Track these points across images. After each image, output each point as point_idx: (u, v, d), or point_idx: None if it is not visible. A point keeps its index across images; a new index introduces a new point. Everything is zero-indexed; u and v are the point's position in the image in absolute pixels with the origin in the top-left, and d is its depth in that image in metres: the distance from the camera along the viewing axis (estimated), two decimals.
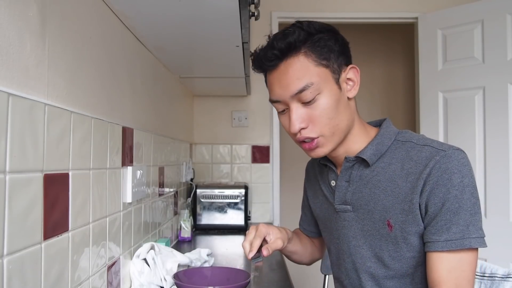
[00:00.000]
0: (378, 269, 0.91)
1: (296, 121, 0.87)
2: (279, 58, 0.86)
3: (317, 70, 0.85)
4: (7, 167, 0.60)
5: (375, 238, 0.90)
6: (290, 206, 3.46)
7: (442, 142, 0.89)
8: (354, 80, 0.91)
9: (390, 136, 0.93)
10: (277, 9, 2.60)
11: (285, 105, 0.89)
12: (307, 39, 0.85)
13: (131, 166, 1.16)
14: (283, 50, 0.85)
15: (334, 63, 0.87)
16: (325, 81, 0.86)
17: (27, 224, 0.65)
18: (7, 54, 0.61)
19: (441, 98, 2.41)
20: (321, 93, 0.85)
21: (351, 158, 0.93)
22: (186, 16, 1.07)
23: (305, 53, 0.85)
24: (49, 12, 0.73)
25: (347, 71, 0.90)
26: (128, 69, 1.21)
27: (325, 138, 0.88)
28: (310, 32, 0.86)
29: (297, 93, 0.85)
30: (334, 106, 0.86)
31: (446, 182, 0.81)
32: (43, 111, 0.71)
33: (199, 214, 2.23)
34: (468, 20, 2.29)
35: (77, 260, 0.83)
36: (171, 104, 1.86)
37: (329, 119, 0.87)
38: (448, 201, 0.80)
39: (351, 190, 0.94)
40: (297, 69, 0.85)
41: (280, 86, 0.87)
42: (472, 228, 0.80)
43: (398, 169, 0.88)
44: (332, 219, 1.00)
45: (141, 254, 1.21)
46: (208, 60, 1.61)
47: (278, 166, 2.63)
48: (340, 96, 0.88)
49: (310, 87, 0.84)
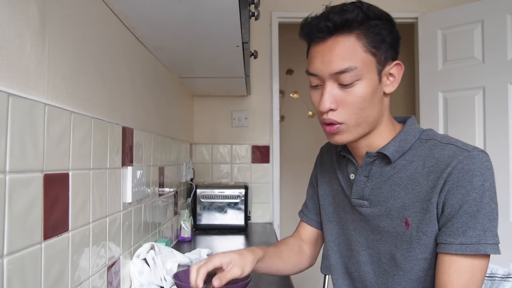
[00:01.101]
0: (390, 266, 0.90)
1: (327, 100, 0.84)
2: (331, 32, 0.83)
3: (363, 56, 0.83)
4: (7, 167, 0.60)
5: (391, 235, 0.89)
6: (290, 206, 3.46)
7: (466, 142, 0.86)
8: (396, 77, 0.88)
9: (414, 134, 0.90)
10: (277, 9, 2.60)
11: (320, 80, 0.86)
12: (363, 22, 0.82)
13: (131, 166, 1.16)
14: (337, 24, 0.82)
15: (382, 54, 0.85)
16: (368, 69, 0.83)
17: (27, 224, 0.65)
18: (7, 54, 0.61)
19: (441, 98, 2.41)
20: (361, 79, 0.83)
21: (373, 153, 0.90)
22: (186, 16, 1.07)
23: (357, 35, 0.82)
24: (49, 12, 0.73)
25: (392, 65, 0.87)
26: (128, 69, 1.21)
27: (348, 126, 0.86)
28: (368, 15, 0.83)
29: (337, 73, 0.83)
30: (368, 97, 0.84)
31: (467, 184, 0.78)
32: (43, 111, 0.70)
33: (199, 214, 2.23)
34: (468, 20, 2.29)
35: (77, 260, 0.83)
36: (171, 104, 1.86)
37: (360, 109, 0.84)
38: (466, 203, 0.78)
39: (370, 185, 0.92)
40: (344, 48, 0.82)
41: (322, 61, 0.84)
42: (489, 233, 0.78)
43: (420, 167, 0.86)
44: (348, 211, 0.98)
45: (141, 254, 1.21)
46: (208, 60, 1.61)
47: (278, 166, 2.63)
48: (377, 88, 0.85)
49: (352, 70, 0.82)
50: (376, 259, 0.92)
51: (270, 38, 2.61)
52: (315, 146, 1.32)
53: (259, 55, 1.90)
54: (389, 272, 0.90)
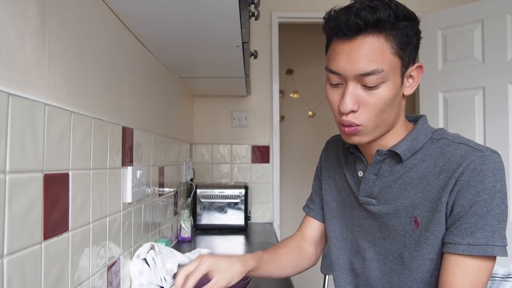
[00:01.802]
0: (396, 264, 0.89)
1: (350, 102, 0.81)
2: (361, 30, 0.78)
3: (391, 58, 0.80)
4: (7, 167, 0.60)
5: (400, 234, 0.88)
6: (290, 206, 3.47)
7: (478, 143, 0.85)
8: (415, 79, 0.87)
9: (426, 133, 0.89)
10: (277, 9, 2.60)
11: (342, 80, 0.83)
12: (394, 23, 0.79)
13: (131, 166, 1.16)
14: (369, 23, 0.77)
15: (408, 57, 0.82)
16: (394, 71, 0.81)
17: (27, 224, 0.65)
18: (7, 54, 0.61)
19: (441, 98, 2.41)
20: (386, 82, 0.80)
21: (384, 151, 0.89)
22: (186, 16, 1.07)
23: (386, 36, 0.79)
24: (49, 12, 0.73)
25: (413, 67, 0.85)
26: (128, 69, 1.21)
27: (367, 128, 0.84)
28: (398, 15, 0.79)
29: (363, 74, 0.79)
30: (391, 100, 0.82)
31: (478, 184, 0.77)
32: (43, 111, 0.70)
33: (199, 214, 2.23)
34: (468, 20, 2.29)
35: (77, 260, 0.83)
36: (171, 104, 1.86)
37: (381, 111, 0.82)
38: (476, 204, 0.77)
39: (379, 184, 0.91)
40: (373, 49, 0.78)
41: (348, 60, 0.80)
42: (497, 235, 0.76)
43: (431, 166, 0.85)
44: (354, 207, 0.97)
45: (141, 254, 1.21)
46: (208, 60, 1.61)
47: (278, 166, 2.63)
48: (399, 91, 0.84)
49: (379, 73, 0.79)
50: (383, 256, 0.92)
51: (270, 38, 2.61)
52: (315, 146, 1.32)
53: (259, 55, 1.90)
54: (395, 271, 0.89)
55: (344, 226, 1.01)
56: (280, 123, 2.79)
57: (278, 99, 2.65)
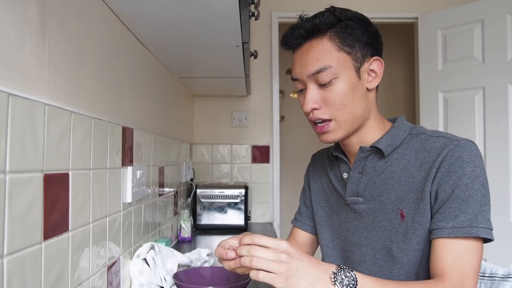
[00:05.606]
0: (386, 261, 0.90)
1: (310, 101, 0.90)
2: (304, 37, 0.90)
3: (337, 54, 0.88)
4: (7, 167, 0.60)
5: (386, 229, 0.90)
6: (290, 206, 3.46)
7: (455, 135, 0.90)
8: (377, 72, 0.92)
9: (405, 129, 0.94)
10: (277, 9, 2.60)
11: (303, 84, 0.92)
12: (334, 24, 0.88)
13: (131, 166, 1.16)
14: (308, 30, 0.89)
15: (358, 52, 0.89)
16: (344, 67, 0.88)
17: (27, 224, 0.65)
18: (7, 54, 0.61)
19: (441, 98, 2.41)
20: (338, 77, 0.88)
21: (366, 148, 0.94)
22: (186, 16, 1.07)
23: (329, 37, 0.88)
24: (49, 12, 0.73)
25: (370, 61, 0.91)
26: (128, 69, 1.21)
27: (337, 123, 0.90)
28: (340, 18, 0.89)
29: (314, 73, 0.88)
30: (348, 93, 0.88)
31: (458, 170, 0.82)
32: (43, 111, 0.70)
33: (199, 214, 2.23)
34: (468, 20, 2.29)
35: (77, 260, 0.83)
36: (171, 104, 1.86)
37: (343, 104, 0.88)
38: (458, 188, 0.81)
39: (364, 181, 0.94)
40: (318, 50, 0.88)
41: (300, 65, 0.91)
42: (480, 218, 0.79)
43: (412, 159, 0.89)
44: (342, 212, 1.00)
45: (141, 254, 1.21)
46: (208, 60, 1.61)
47: (278, 166, 2.63)
48: (357, 85, 0.90)
49: (328, 69, 0.87)
50: (370, 256, 0.93)
51: (270, 38, 2.62)
52: (315, 146, 1.31)
53: (259, 55, 1.90)
54: (386, 268, 0.91)
55: (333, 233, 1.04)
56: (280, 123, 2.79)
57: (278, 99, 2.65)
